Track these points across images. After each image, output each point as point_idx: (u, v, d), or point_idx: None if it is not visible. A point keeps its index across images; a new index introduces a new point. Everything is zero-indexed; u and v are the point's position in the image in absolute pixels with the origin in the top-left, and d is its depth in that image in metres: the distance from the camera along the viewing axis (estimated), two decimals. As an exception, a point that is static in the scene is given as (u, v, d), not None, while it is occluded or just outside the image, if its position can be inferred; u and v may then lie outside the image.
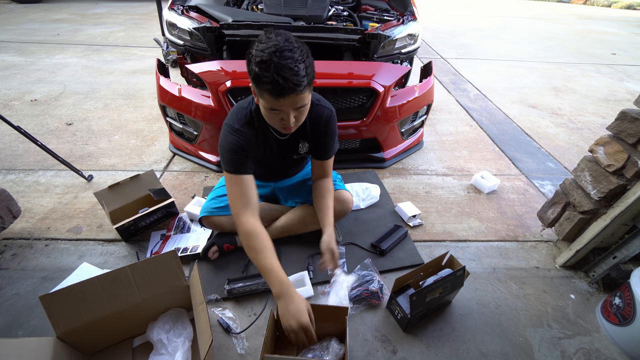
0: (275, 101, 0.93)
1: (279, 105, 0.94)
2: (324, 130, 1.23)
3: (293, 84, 0.88)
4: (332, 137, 1.26)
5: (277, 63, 0.87)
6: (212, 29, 1.89)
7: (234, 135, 1.11)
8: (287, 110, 0.96)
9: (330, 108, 1.23)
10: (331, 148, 1.29)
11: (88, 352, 1.07)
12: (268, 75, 0.87)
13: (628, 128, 1.20)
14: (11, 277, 1.32)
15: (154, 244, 1.49)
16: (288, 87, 0.88)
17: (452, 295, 1.27)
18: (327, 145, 1.27)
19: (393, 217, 1.72)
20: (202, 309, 0.98)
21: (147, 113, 2.62)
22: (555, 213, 1.52)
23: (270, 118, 1.02)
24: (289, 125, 1.01)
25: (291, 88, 0.89)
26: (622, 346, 1.18)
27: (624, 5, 11.16)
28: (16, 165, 1.96)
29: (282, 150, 1.26)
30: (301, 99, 0.94)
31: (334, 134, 1.26)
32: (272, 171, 1.44)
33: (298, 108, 0.97)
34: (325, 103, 1.23)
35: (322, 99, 1.24)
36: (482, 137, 2.59)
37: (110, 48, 4.07)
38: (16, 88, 2.90)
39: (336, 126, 1.27)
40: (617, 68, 4.56)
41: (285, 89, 0.89)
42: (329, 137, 1.25)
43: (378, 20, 2.38)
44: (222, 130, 1.14)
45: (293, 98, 0.92)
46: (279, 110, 0.97)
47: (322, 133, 1.23)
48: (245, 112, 1.14)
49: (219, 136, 1.16)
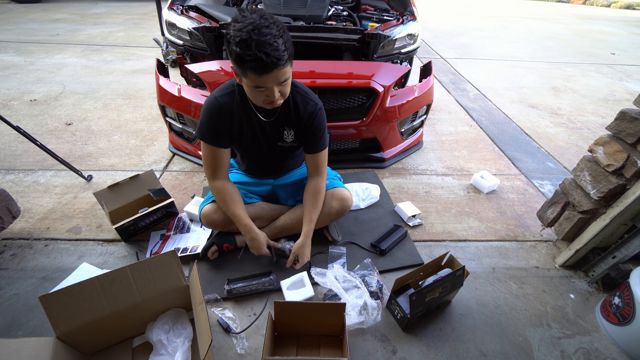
0: (259, 78, 0.95)
1: (263, 81, 0.96)
2: (309, 123, 1.24)
3: (275, 59, 0.91)
4: (319, 131, 1.27)
5: (257, 40, 0.89)
6: (211, 29, 1.89)
7: (211, 101, 1.16)
8: (271, 85, 0.98)
9: (317, 102, 1.24)
10: (319, 142, 1.29)
11: (88, 352, 1.07)
12: (250, 54, 0.89)
13: (627, 128, 1.20)
14: (11, 277, 1.32)
15: (153, 244, 1.49)
16: (271, 62, 0.91)
17: (451, 295, 1.27)
18: (314, 138, 1.27)
19: (393, 217, 1.72)
20: (201, 309, 0.98)
21: (146, 113, 2.62)
22: (555, 213, 1.52)
23: (255, 96, 1.04)
24: (274, 100, 1.03)
25: (274, 63, 0.91)
26: (622, 346, 1.18)
27: (623, 5, 11.17)
28: (15, 165, 1.96)
29: (267, 135, 1.27)
30: (284, 72, 0.97)
31: (321, 128, 1.27)
32: (264, 163, 1.44)
33: (281, 82, 1.00)
34: (313, 97, 1.24)
35: (310, 92, 1.25)
36: (481, 137, 2.59)
37: (110, 48, 4.07)
38: (15, 88, 2.90)
39: (323, 120, 1.27)
40: (616, 68, 4.56)
41: (269, 65, 0.91)
42: (316, 130, 1.26)
43: (378, 20, 2.38)
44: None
45: (276, 73, 0.95)
46: (263, 87, 0.99)
47: (307, 125, 1.25)
48: (227, 85, 1.18)
49: None
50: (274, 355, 1.08)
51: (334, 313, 1.08)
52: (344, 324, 1.07)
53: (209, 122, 1.18)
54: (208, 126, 1.18)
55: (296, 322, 1.12)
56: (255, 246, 1.31)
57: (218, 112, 1.16)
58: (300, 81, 1.73)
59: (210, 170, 1.27)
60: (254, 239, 1.30)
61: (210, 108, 1.16)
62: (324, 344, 1.16)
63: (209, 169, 1.27)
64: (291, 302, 1.10)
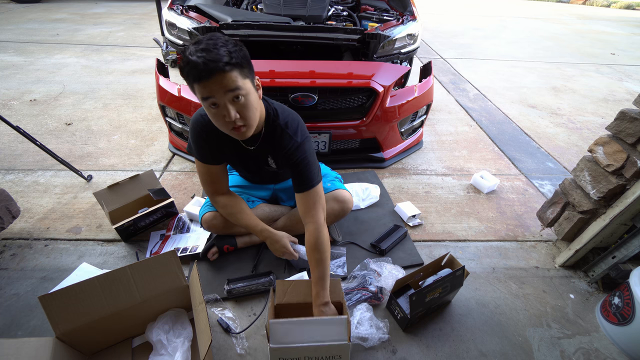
0: (202, 87, 0.88)
1: (208, 90, 0.88)
2: (289, 160, 1.13)
3: (212, 61, 0.84)
4: (303, 167, 1.12)
5: (197, 47, 0.85)
6: (211, 29, 1.89)
7: (196, 119, 1.12)
8: (220, 97, 0.89)
9: (297, 140, 1.11)
10: (305, 179, 1.12)
11: (87, 353, 1.07)
12: (189, 58, 0.85)
13: (627, 128, 1.20)
14: (10, 277, 1.31)
15: (153, 244, 1.49)
16: (207, 64, 0.84)
17: (451, 295, 1.27)
18: (297, 175, 1.13)
19: (393, 217, 1.72)
20: (201, 309, 0.98)
21: (146, 113, 2.62)
22: (555, 213, 1.52)
23: (215, 118, 0.95)
24: (231, 120, 0.92)
25: (211, 66, 0.84)
26: (622, 346, 1.18)
27: (623, 5, 11.17)
28: (15, 165, 1.96)
29: (252, 159, 1.23)
30: (230, 79, 0.87)
31: (304, 164, 1.12)
32: (258, 178, 1.43)
33: (231, 93, 0.89)
34: (293, 131, 1.11)
35: (291, 126, 1.12)
36: (481, 137, 2.59)
37: (110, 48, 4.07)
38: (15, 88, 2.90)
39: (306, 156, 1.12)
40: (616, 68, 4.56)
41: (207, 67, 0.84)
42: (298, 167, 1.12)
43: (377, 20, 2.39)
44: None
45: (219, 79, 0.86)
46: (216, 104, 0.91)
47: (288, 162, 1.13)
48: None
49: None
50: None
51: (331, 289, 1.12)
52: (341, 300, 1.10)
53: (197, 142, 1.14)
54: (197, 145, 1.15)
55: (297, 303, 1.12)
56: (278, 248, 1.27)
57: (203, 131, 1.10)
58: (300, 81, 1.76)
59: (209, 187, 1.23)
60: (277, 242, 1.26)
61: (195, 128, 1.12)
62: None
63: (207, 186, 1.23)
64: (293, 280, 1.12)
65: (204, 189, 1.26)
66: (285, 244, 1.26)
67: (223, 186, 1.25)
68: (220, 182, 1.23)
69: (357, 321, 1.16)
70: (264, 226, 1.25)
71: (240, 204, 1.26)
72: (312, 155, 1.16)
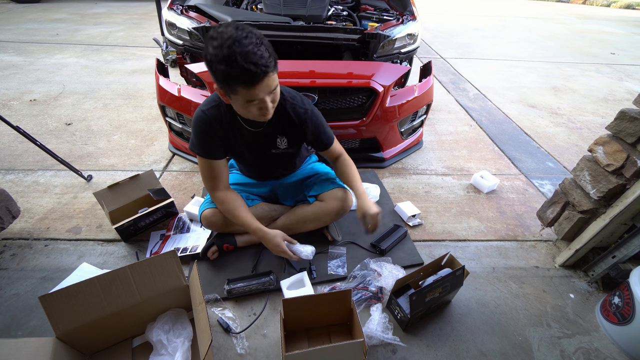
0: (251, 91, 0.91)
1: (254, 94, 0.92)
2: (304, 128, 1.22)
3: (264, 67, 0.88)
4: (318, 129, 1.25)
5: (241, 52, 0.84)
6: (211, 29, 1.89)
7: (199, 115, 1.14)
8: (263, 96, 0.95)
9: (305, 107, 1.21)
10: (325, 138, 1.29)
11: (87, 353, 1.07)
12: (238, 67, 0.85)
13: (627, 127, 1.20)
14: (10, 277, 1.32)
15: (153, 244, 1.49)
16: (260, 71, 0.88)
17: (451, 295, 1.27)
18: (317, 137, 1.27)
19: (393, 217, 1.72)
20: (201, 309, 0.98)
21: (146, 113, 2.62)
22: (555, 212, 1.52)
23: (248, 111, 1.00)
24: (268, 111, 1.00)
25: (263, 72, 0.88)
26: (621, 345, 1.18)
27: (623, 5, 11.17)
28: (15, 165, 1.96)
29: (259, 144, 1.25)
30: (273, 80, 0.94)
31: (319, 126, 1.25)
32: (261, 170, 1.44)
33: (272, 90, 0.96)
34: (300, 102, 1.21)
35: (297, 98, 1.21)
36: (481, 136, 2.59)
37: (110, 48, 4.07)
38: (15, 88, 2.90)
39: (318, 118, 1.25)
40: (616, 68, 4.56)
41: (258, 74, 0.88)
42: (315, 130, 1.25)
43: (377, 20, 2.38)
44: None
45: (266, 82, 0.91)
46: (256, 100, 0.95)
47: (304, 130, 1.23)
48: (214, 97, 1.15)
49: None
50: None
51: (341, 300, 1.10)
52: (352, 308, 1.08)
53: (199, 137, 1.15)
54: (199, 141, 1.16)
55: (305, 316, 1.12)
56: (272, 247, 1.27)
57: (207, 126, 1.13)
58: (300, 81, 1.76)
59: (209, 182, 1.25)
60: (270, 241, 1.26)
61: (198, 123, 1.13)
62: (334, 333, 1.18)
63: (208, 181, 1.25)
64: (300, 297, 1.10)
65: (205, 185, 1.28)
66: (279, 242, 1.26)
67: (223, 182, 1.26)
68: (220, 178, 1.24)
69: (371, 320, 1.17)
70: (257, 225, 1.25)
71: (238, 201, 1.28)
72: (322, 116, 1.28)
